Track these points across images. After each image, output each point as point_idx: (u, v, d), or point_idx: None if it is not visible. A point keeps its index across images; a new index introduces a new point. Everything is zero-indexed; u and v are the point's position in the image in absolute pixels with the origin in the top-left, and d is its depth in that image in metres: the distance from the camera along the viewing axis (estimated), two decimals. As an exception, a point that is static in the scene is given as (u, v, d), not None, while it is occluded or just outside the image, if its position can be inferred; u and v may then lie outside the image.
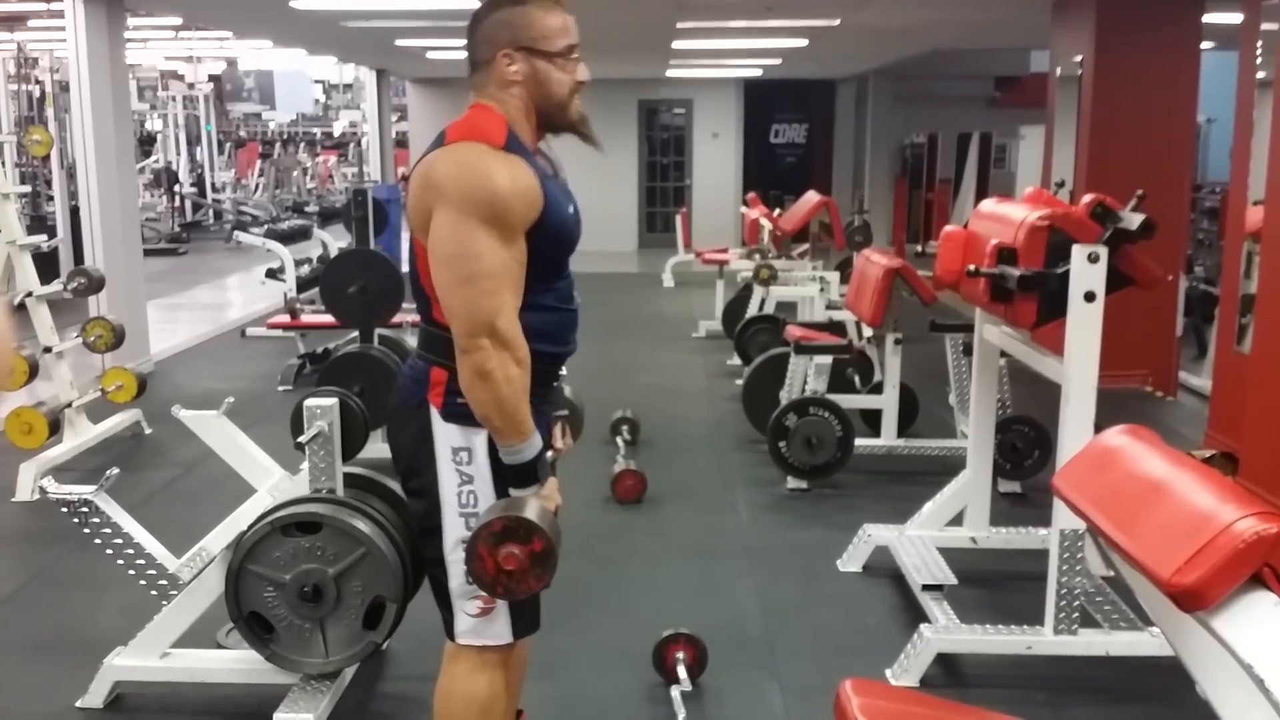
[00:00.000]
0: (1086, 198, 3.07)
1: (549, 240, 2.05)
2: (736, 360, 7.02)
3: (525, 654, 2.50)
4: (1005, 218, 3.16)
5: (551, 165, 2.18)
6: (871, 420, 5.29)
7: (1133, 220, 2.94)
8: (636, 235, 15.41)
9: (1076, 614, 3.07)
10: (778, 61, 12.27)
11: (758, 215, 8.73)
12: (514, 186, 1.97)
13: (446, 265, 1.96)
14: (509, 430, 1.99)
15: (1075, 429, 2.88)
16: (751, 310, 7.37)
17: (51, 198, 11.37)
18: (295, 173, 20.05)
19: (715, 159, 15.23)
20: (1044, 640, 3.10)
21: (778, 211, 9.10)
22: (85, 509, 2.86)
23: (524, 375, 2.00)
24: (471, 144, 2.01)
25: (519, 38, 2.08)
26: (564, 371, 2.29)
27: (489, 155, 1.99)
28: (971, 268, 3.06)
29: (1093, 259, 2.81)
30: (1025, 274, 2.92)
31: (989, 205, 3.44)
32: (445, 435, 2.08)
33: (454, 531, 2.11)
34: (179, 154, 17.81)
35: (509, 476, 2.04)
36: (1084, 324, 2.86)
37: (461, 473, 2.08)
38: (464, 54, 2.20)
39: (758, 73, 14.00)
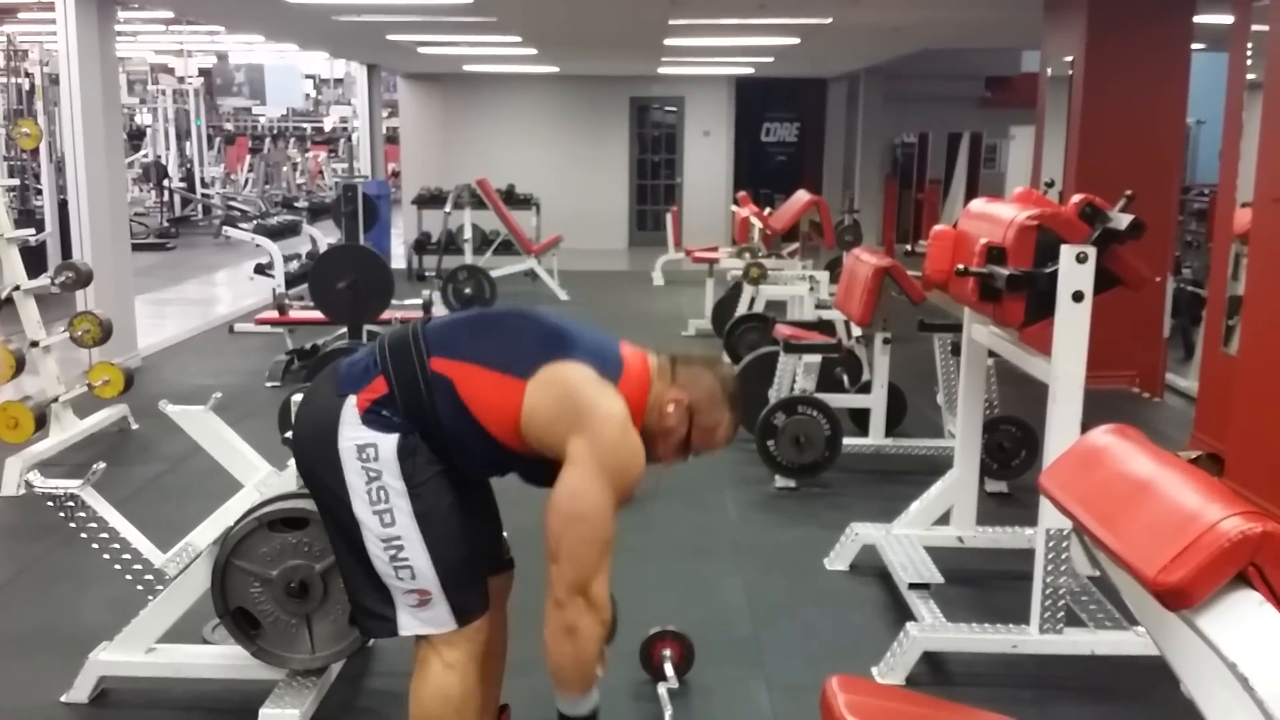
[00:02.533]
0: (1075, 198, 3.08)
1: None
2: (726, 359, 7.02)
3: (504, 647, 2.53)
4: (994, 217, 3.16)
5: None
6: (860, 419, 5.30)
7: (1121, 220, 2.95)
8: (627, 233, 15.41)
9: (1062, 613, 3.08)
10: (770, 60, 12.28)
11: (748, 214, 8.74)
12: (640, 478, 2.18)
13: (578, 521, 2.09)
14: (578, 686, 2.16)
15: (1062, 429, 2.89)
16: (741, 309, 7.38)
17: (40, 191, 11.32)
18: (285, 168, 19.97)
19: (706, 157, 15.24)
20: (1029, 639, 3.11)
21: (768, 210, 9.11)
22: (71, 503, 2.85)
23: (603, 637, 2.15)
24: (629, 426, 2.15)
25: (698, 406, 2.28)
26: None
27: (637, 441, 2.17)
28: (960, 267, 3.07)
29: (1081, 259, 2.82)
30: (1014, 273, 2.92)
31: (978, 205, 3.45)
32: (353, 430, 2.14)
33: (372, 529, 2.14)
34: (168, 148, 17.74)
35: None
36: (1072, 324, 2.87)
37: (368, 469, 2.12)
38: (454, 49, 2.25)
39: (749, 71, 14.01)
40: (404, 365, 2.16)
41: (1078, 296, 2.84)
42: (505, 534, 2.55)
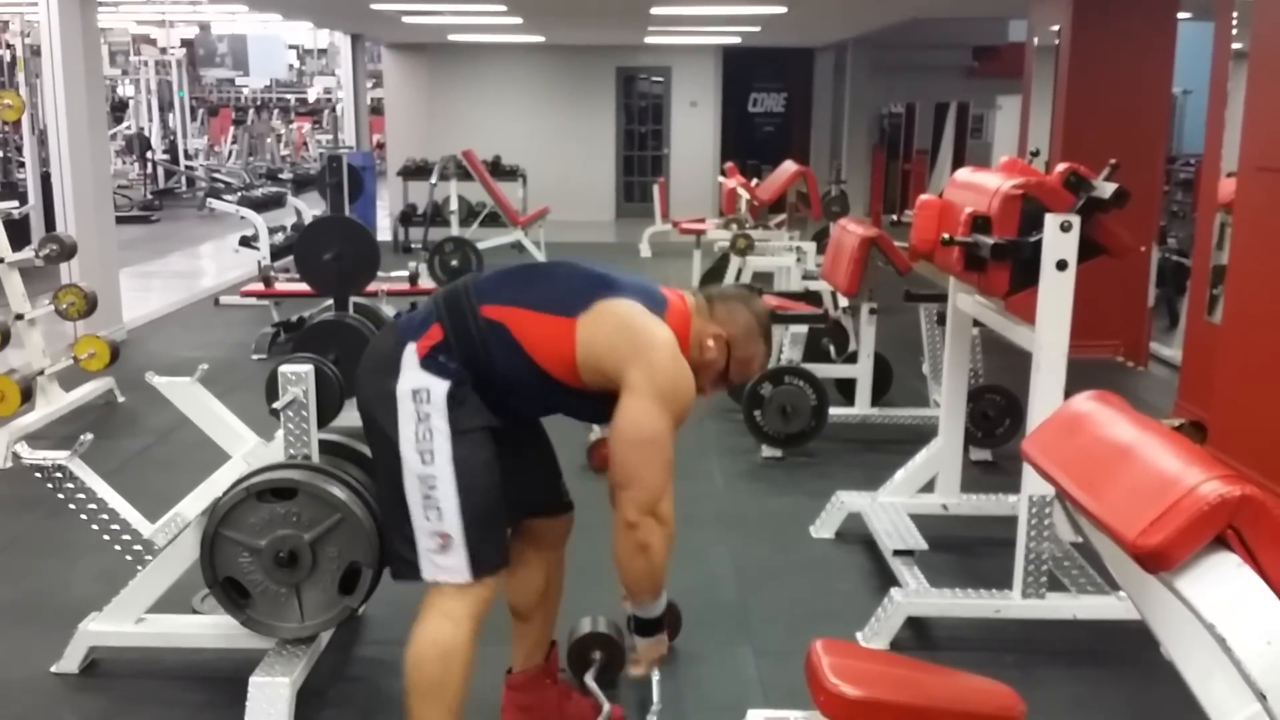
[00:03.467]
0: (1060, 167, 3.09)
1: None
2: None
3: (559, 589, 2.72)
4: (980, 186, 3.17)
5: None
6: (846, 389, 5.32)
7: (1105, 189, 2.96)
8: (614, 205, 15.37)
9: (1044, 578, 3.11)
10: (757, 29, 12.21)
11: (735, 185, 8.73)
12: (692, 400, 2.32)
13: (641, 446, 2.22)
14: (651, 593, 2.33)
15: (1045, 396, 2.91)
16: (728, 279, 7.38)
17: (22, 164, 11.22)
18: (269, 139, 19.82)
19: (693, 128, 15.18)
20: (1012, 604, 3.14)
21: (755, 181, 9.10)
22: (59, 474, 2.85)
23: (670, 547, 2.28)
24: (679, 354, 2.29)
25: (736, 340, 2.44)
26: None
27: (686, 366, 2.30)
28: (946, 236, 3.08)
29: (1065, 228, 2.83)
30: (998, 242, 2.94)
31: (964, 174, 3.46)
32: (412, 375, 2.25)
33: (410, 466, 2.24)
34: (151, 120, 17.59)
35: (633, 627, 2.40)
36: (1056, 292, 2.88)
37: (420, 411, 2.24)
38: (441, 19, 2.31)
39: (737, 40, 13.94)
40: (457, 313, 2.29)
41: (1062, 265, 2.85)
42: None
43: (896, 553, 3.51)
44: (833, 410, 4.96)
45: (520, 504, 2.53)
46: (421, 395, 2.24)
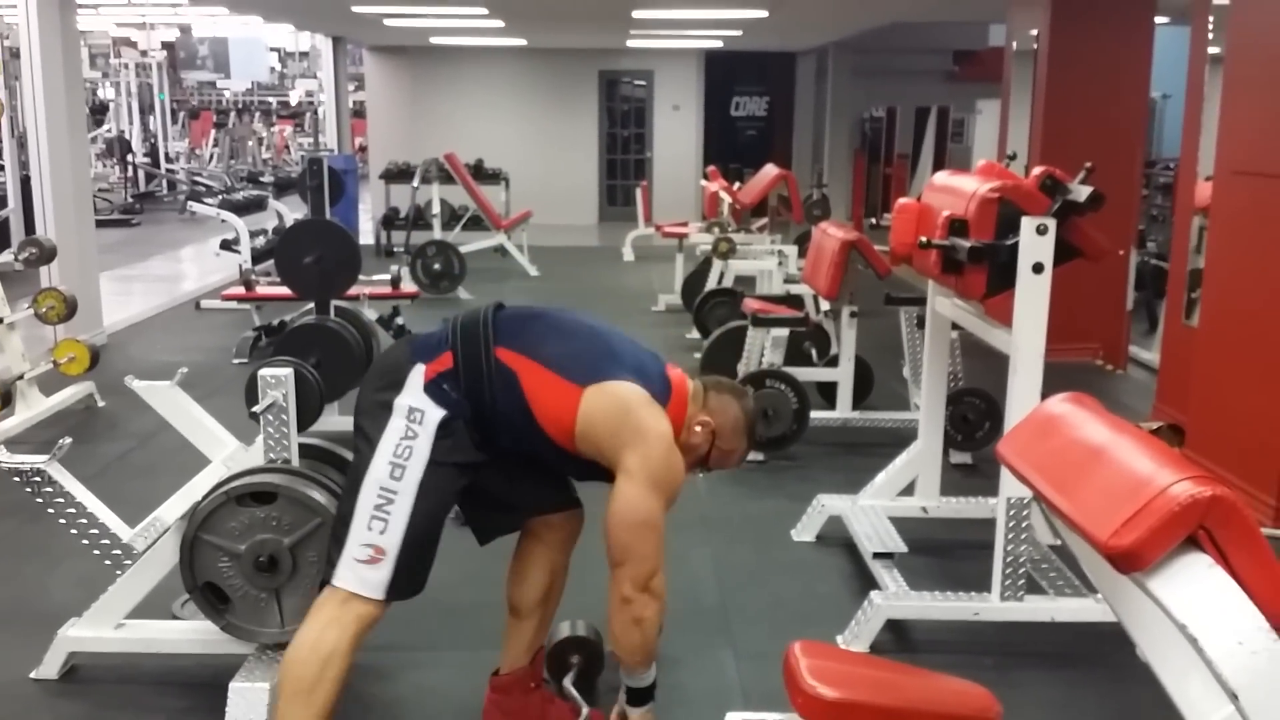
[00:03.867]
0: (1036, 170, 3.11)
1: None
2: (695, 334, 7.05)
3: (559, 592, 2.75)
4: (957, 190, 3.19)
5: None
6: (828, 393, 5.34)
7: (1081, 193, 2.99)
8: (597, 208, 15.39)
9: (1023, 581, 3.13)
10: (738, 33, 12.25)
11: (717, 189, 8.75)
12: (680, 488, 2.44)
13: (639, 527, 2.34)
14: (644, 664, 2.47)
15: (1022, 399, 2.93)
16: (710, 284, 7.41)
17: (1, 167, 11.16)
18: (250, 142, 19.79)
19: (676, 132, 15.21)
20: (991, 606, 3.16)
21: (737, 185, 9.12)
22: (38, 479, 2.84)
23: (661, 619, 2.42)
24: (673, 444, 2.40)
25: (722, 432, 2.55)
26: None
27: (679, 455, 2.42)
28: (923, 239, 3.10)
29: (1041, 231, 2.85)
30: (975, 245, 2.96)
31: (942, 178, 3.48)
32: (412, 395, 2.33)
33: (378, 473, 2.31)
34: (132, 123, 17.52)
35: (625, 697, 2.51)
36: (1032, 295, 2.91)
37: (410, 428, 2.31)
38: (422, 21, 2.36)
39: (719, 44, 13.98)
40: (472, 346, 2.37)
41: (1038, 268, 2.87)
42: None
43: (876, 555, 3.53)
44: (814, 414, 4.98)
45: (527, 503, 2.62)
46: (416, 416, 2.31)
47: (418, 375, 2.34)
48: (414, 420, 2.31)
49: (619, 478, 2.35)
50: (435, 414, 2.31)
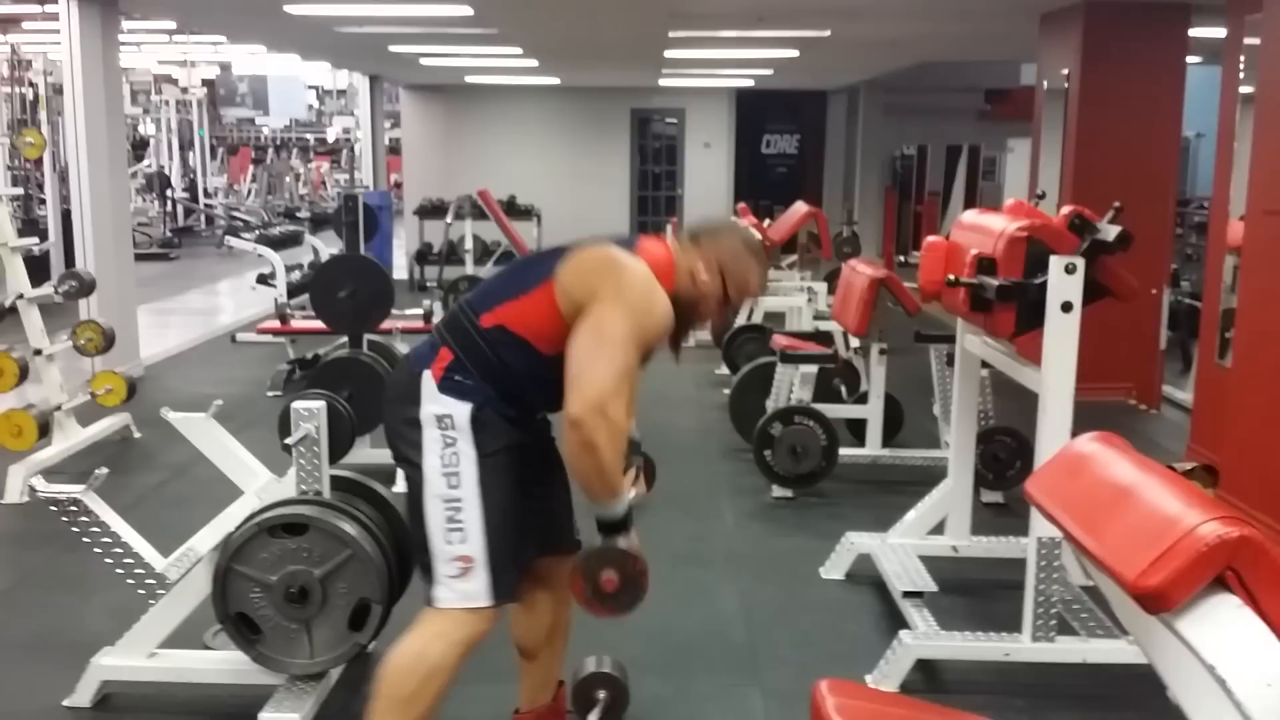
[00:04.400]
0: (1064, 209, 3.12)
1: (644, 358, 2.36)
2: (724, 369, 7.06)
3: (568, 627, 2.70)
4: (985, 228, 3.20)
5: None
6: (857, 430, 5.33)
7: (1110, 232, 2.99)
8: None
9: (1054, 622, 3.10)
10: (769, 72, 12.34)
11: (747, 225, 8.77)
12: (664, 322, 2.31)
13: (595, 341, 2.20)
14: (605, 494, 2.24)
15: (1052, 437, 2.92)
16: (739, 320, 7.41)
17: (43, 201, 11.37)
18: (288, 178, 20.05)
19: (707, 168, 15.29)
20: (1022, 647, 3.13)
21: (767, 222, 9.15)
22: (74, 508, 2.89)
23: (623, 447, 2.24)
24: (653, 280, 2.31)
25: (730, 271, 2.44)
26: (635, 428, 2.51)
27: (660, 290, 2.31)
28: (951, 277, 3.10)
29: (1070, 270, 2.86)
30: (1004, 284, 2.96)
31: (970, 216, 3.49)
32: (433, 402, 2.29)
33: (435, 489, 2.27)
34: (171, 158, 17.82)
35: (600, 530, 2.30)
36: (1061, 334, 2.90)
37: (445, 436, 2.27)
38: (458, 60, 2.37)
39: (749, 83, 14.07)
40: (461, 333, 2.34)
41: (1067, 307, 2.87)
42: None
43: (906, 594, 3.51)
44: (843, 451, 4.97)
45: (533, 542, 2.54)
46: (446, 421, 2.27)
47: (428, 381, 2.30)
48: (445, 427, 2.27)
49: (591, 306, 2.24)
50: (463, 410, 2.27)
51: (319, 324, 5.55)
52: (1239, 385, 4.61)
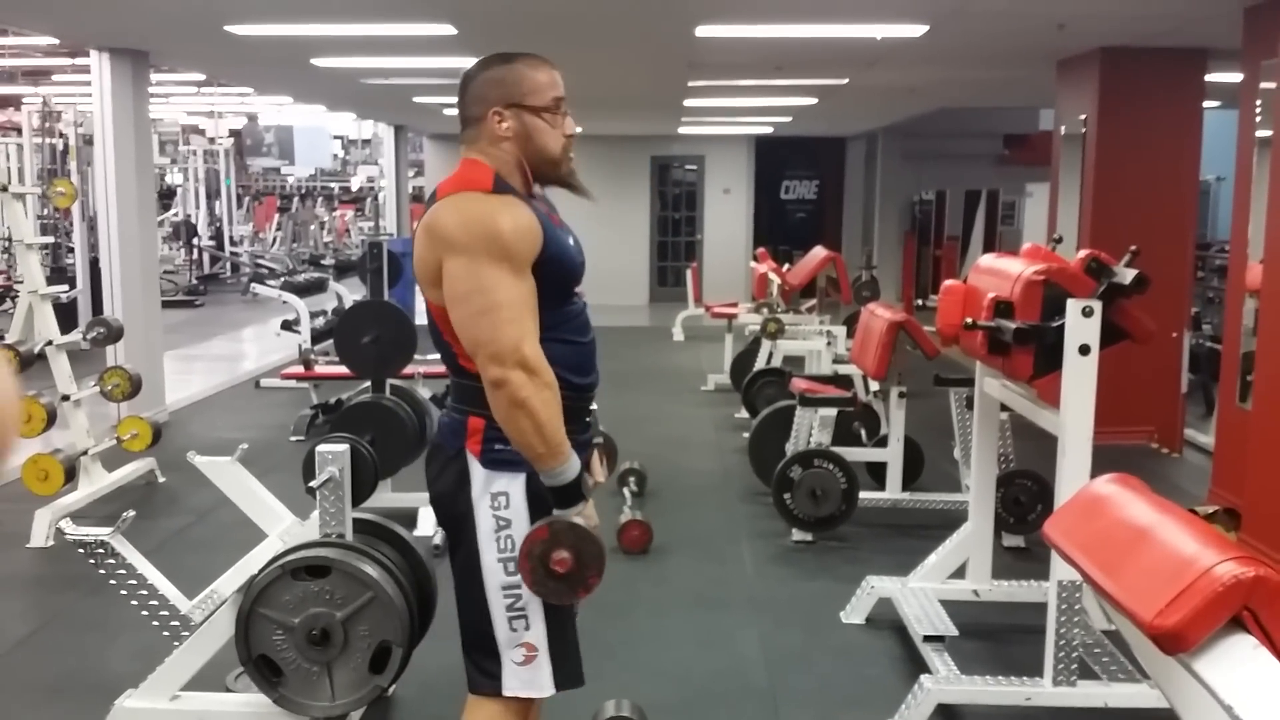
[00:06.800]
0: (1081, 253, 3.14)
1: (554, 271, 2.11)
2: (744, 413, 7.07)
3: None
4: (1002, 272, 3.23)
5: (545, 204, 2.25)
6: (877, 473, 5.33)
7: (1126, 275, 3.01)
8: (648, 289, 15.54)
9: (1075, 666, 3.09)
10: (788, 119, 12.44)
11: (766, 270, 8.83)
12: (515, 224, 2.05)
13: (463, 302, 2.03)
14: (550, 454, 2.03)
15: (1071, 480, 2.92)
16: (759, 363, 7.45)
17: (72, 249, 11.55)
18: (312, 227, 20.28)
19: (726, 214, 15.40)
20: (1043, 692, 3.11)
21: (786, 266, 9.21)
22: (101, 550, 2.92)
23: (556, 398, 2.04)
24: (464, 193, 2.09)
25: (509, 95, 2.14)
26: (595, 406, 2.33)
27: (484, 199, 2.07)
28: (969, 320, 3.12)
29: (1087, 313, 2.87)
30: (1021, 327, 2.98)
31: (987, 260, 3.52)
32: (483, 481, 2.12)
33: (494, 576, 2.14)
34: (198, 207, 18.06)
35: (552, 500, 2.08)
36: (1079, 376, 2.91)
37: (499, 517, 2.12)
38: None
39: (769, 130, 14.19)
40: (469, 394, 2.13)
41: (1084, 350, 2.88)
42: None
43: (927, 639, 3.49)
44: (863, 494, 4.96)
45: None
46: (500, 501, 2.12)
47: (471, 459, 2.12)
48: (499, 508, 2.12)
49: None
50: (517, 486, 2.11)
51: (342, 369, 5.61)
52: (1260, 428, 4.59)
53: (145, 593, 2.96)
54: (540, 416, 2.00)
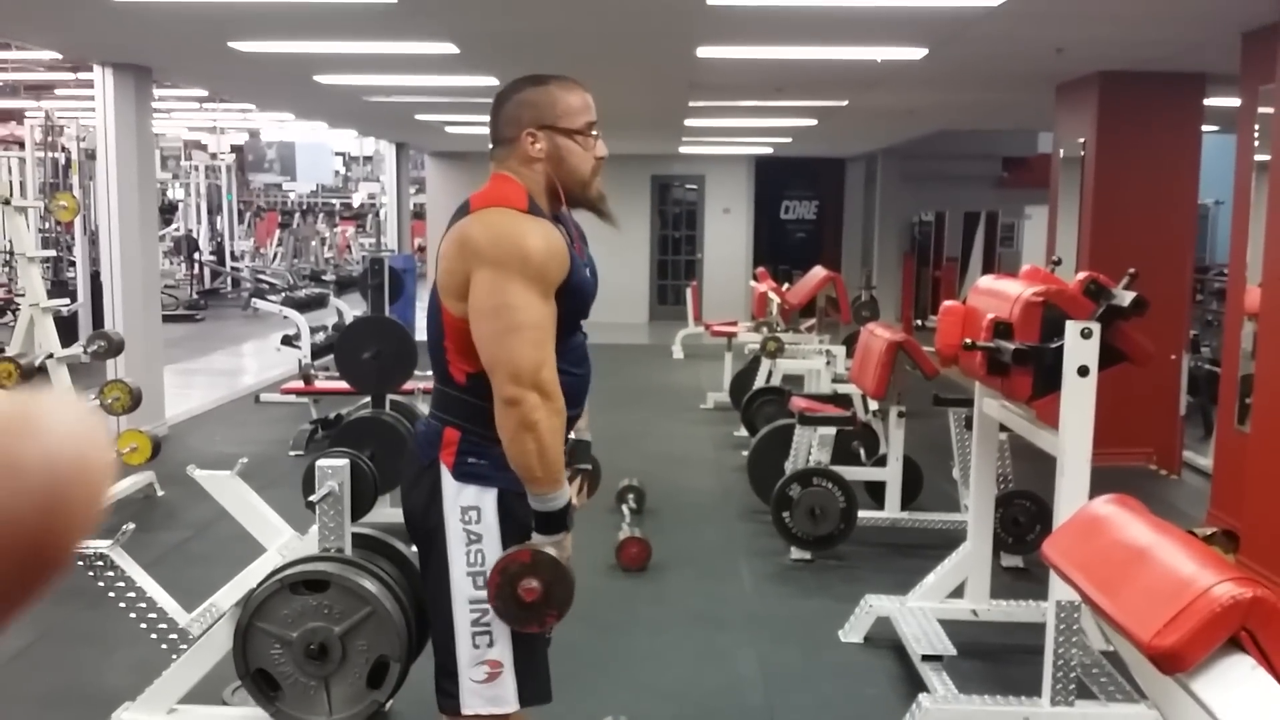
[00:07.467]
0: (1079, 275, 3.16)
1: (570, 301, 2.12)
2: (743, 431, 7.08)
3: None
4: (1001, 293, 3.24)
5: (570, 232, 2.24)
6: (876, 492, 5.33)
7: (1124, 297, 3.02)
8: (648, 307, 15.57)
9: (1073, 686, 3.08)
10: (788, 140, 12.49)
11: (766, 289, 8.85)
12: (548, 246, 2.06)
13: (490, 317, 2.01)
14: (546, 479, 2.03)
15: (1070, 501, 2.92)
16: (759, 382, 7.45)
17: (73, 263, 11.58)
18: (313, 242, 20.33)
19: (726, 234, 15.44)
20: (1041, 712, 3.11)
21: (786, 286, 9.22)
22: (100, 562, 2.93)
23: (563, 426, 2.05)
24: (500, 209, 2.10)
25: (542, 117, 2.15)
26: (589, 436, 2.33)
27: (519, 217, 2.08)
28: (968, 341, 3.14)
29: (1085, 334, 2.89)
30: (1020, 348, 2.99)
31: (987, 281, 3.53)
32: (455, 494, 2.12)
33: (462, 591, 2.13)
34: (200, 222, 18.11)
35: (535, 524, 2.07)
36: (1078, 398, 2.92)
37: (470, 532, 2.11)
38: (483, 128, 2.28)
39: (769, 150, 14.24)
40: (453, 404, 2.14)
41: (1083, 371, 2.90)
42: None
43: (925, 658, 3.50)
44: (862, 513, 4.97)
45: None
46: (470, 515, 2.11)
47: (443, 471, 2.11)
48: (470, 522, 2.10)
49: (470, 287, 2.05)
50: (489, 501, 2.10)
51: (342, 384, 5.62)
52: (1258, 450, 4.60)
53: (144, 605, 2.96)
54: (545, 441, 2.00)
